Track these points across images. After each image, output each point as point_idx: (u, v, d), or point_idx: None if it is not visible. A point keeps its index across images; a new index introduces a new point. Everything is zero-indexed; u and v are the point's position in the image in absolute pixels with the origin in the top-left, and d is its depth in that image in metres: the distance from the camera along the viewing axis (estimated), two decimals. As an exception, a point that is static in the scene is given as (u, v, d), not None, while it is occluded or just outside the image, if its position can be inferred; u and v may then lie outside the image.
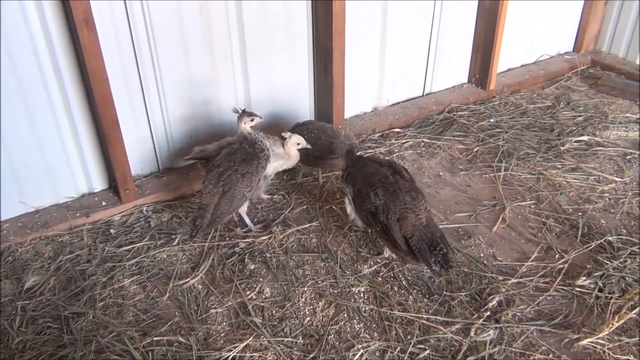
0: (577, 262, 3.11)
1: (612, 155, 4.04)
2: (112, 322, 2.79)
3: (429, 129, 4.42)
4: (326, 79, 3.99)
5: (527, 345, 2.65)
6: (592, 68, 5.32)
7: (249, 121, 3.28)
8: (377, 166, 3.10)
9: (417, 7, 4.34)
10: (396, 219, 2.86)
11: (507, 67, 5.20)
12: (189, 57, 3.56)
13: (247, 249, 3.22)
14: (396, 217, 2.86)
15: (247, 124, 3.28)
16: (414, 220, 2.86)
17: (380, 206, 2.90)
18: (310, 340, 2.70)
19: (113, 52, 3.26)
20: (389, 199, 2.91)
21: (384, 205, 2.90)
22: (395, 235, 2.84)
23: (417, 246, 2.80)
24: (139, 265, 3.12)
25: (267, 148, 3.28)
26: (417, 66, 4.65)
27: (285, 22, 3.81)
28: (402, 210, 2.87)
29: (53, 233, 3.32)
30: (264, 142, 3.27)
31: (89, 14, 2.90)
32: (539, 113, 4.62)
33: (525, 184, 3.76)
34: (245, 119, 3.27)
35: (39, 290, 2.97)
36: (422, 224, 2.86)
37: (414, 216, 2.86)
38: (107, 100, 3.16)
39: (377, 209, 2.91)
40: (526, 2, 4.88)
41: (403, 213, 2.86)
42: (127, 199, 3.50)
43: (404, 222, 2.85)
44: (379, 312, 2.83)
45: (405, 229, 2.84)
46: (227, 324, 2.79)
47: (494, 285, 2.96)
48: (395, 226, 2.85)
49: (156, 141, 3.71)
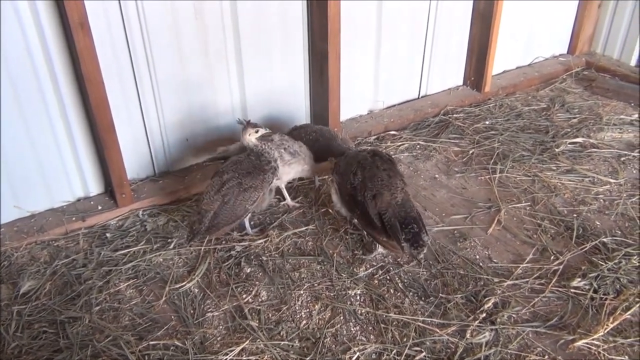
0: (572, 263, 3.13)
1: (606, 157, 4.05)
2: (108, 326, 2.78)
3: (425, 132, 4.44)
4: (322, 81, 4.00)
5: (523, 347, 2.66)
6: (586, 70, 5.34)
7: (253, 133, 3.20)
8: (358, 152, 3.21)
9: (412, 9, 4.35)
10: (372, 195, 2.94)
11: (502, 69, 5.22)
12: (184, 59, 3.56)
13: (243, 253, 3.22)
14: (372, 194, 2.94)
15: (252, 136, 3.20)
16: (389, 197, 2.93)
17: (358, 185, 2.99)
18: (307, 343, 2.70)
19: (108, 55, 3.26)
20: (367, 177, 3.00)
21: (361, 184, 2.98)
22: (371, 212, 2.90)
23: (389, 223, 2.86)
24: (135, 269, 3.12)
25: (274, 159, 3.23)
26: (412, 68, 4.67)
27: (280, 24, 3.81)
28: (378, 187, 2.95)
29: (49, 237, 3.32)
30: (271, 154, 3.22)
31: (84, 18, 2.90)
32: (534, 115, 4.64)
33: (521, 185, 3.78)
34: (250, 130, 3.19)
35: (34, 295, 2.96)
36: (397, 203, 2.94)
37: (389, 194, 2.94)
38: (103, 103, 3.16)
39: (355, 189, 2.98)
40: (520, 4, 4.90)
41: (379, 189, 2.95)
42: (123, 203, 3.50)
43: (379, 198, 2.93)
44: (375, 315, 2.84)
45: (380, 205, 2.91)
46: (223, 328, 2.79)
47: (489, 287, 2.97)
48: (371, 203, 2.92)
49: (152, 144, 3.71)
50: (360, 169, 3.05)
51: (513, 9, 4.81)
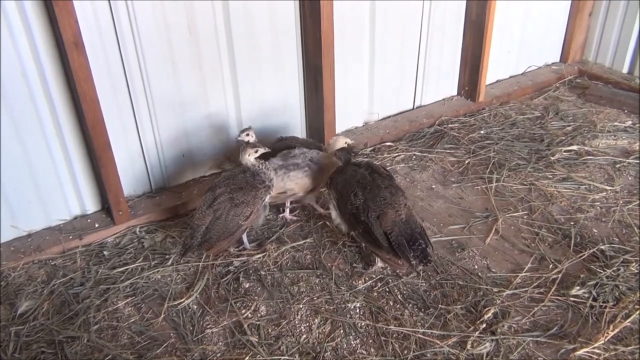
0: (570, 271, 3.13)
1: (602, 164, 4.07)
2: (107, 345, 2.77)
3: (420, 142, 4.45)
4: (317, 94, 4.02)
5: (524, 357, 2.65)
6: (579, 78, 5.37)
7: (252, 153, 3.17)
8: (355, 168, 3.17)
9: (404, 20, 4.38)
10: (376, 216, 2.92)
11: (495, 78, 5.25)
12: (179, 75, 3.57)
13: (241, 268, 3.21)
14: (376, 214, 2.92)
15: (252, 156, 3.17)
16: (393, 216, 2.92)
17: (360, 206, 2.96)
18: (307, 357, 2.69)
19: (103, 73, 3.27)
20: (368, 197, 2.96)
21: (363, 205, 2.95)
22: (375, 232, 2.88)
23: (396, 241, 2.85)
24: (133, 286, 3.10)
25: (269, 179, 3.20)
26: (406, 80, 4.69)
27: (274, 38, 3.83)
28: (381, 207, 2.93)
29: (46, 256, 3.30)
30: (267, 174, 3.19)
31: (78, 37, 2.91)
32: (529, 124, 4.66)
33: (517, 194, 3.78)
34: (249, 150, 3.16)
35: (32, 315, 2.94)
36: (401, 220, 2.93)
37: (394, 212, 2.93)
38: (98, 121, 3.16)
39: (357, 209, 2.96)
40: (512, 13, 4.94)
41: (382, 209, 2.93)
42: (120, 220, 3.49)
43: (383, 218, 2.91)
44: (375, 328, 2.83)
45: (385, 224, 2.89)
46: (223, 344, 2.78)
47: (489, 297, 2.97)
48: (376, 223, 2.90)
49: (148, 161, 3.71)
50: (360, 188, 3.00)
51: (505, 19, 4.85)
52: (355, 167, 3.20)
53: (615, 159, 4.12)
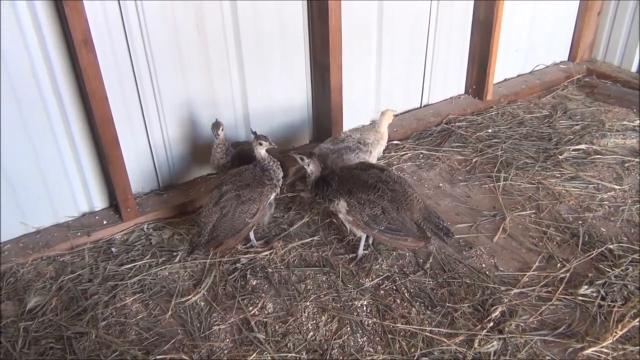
0: (578, 270, 3.12)
1: (610, 163, 4.05)
2: (114, 341, 2.78)
3: (428, 141, 4.44)
4: (324, 93, 4.02)
5: (532, 356, 2.64)
6: (587, 77, 5.36)
7: (258, 145, 3.14)
8: (358, 172, 3.16)
9: (412, 19, 4.38)
10: (405, 210, 3.03)
11: (503, 77, 5.23)
12: (187, 74, 3.58)
13: (248, 265, 3.22)
14: (405, 208, 3.03)
15: (259, 148, 3.15)
16: (417, 206, 3.07)
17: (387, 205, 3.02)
18: (314, 355, 2.69)
19: (112, 71, 3.28)
20: (389, 208, 3.02)
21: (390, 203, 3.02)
22: (407, 225, 3.02)
23: (428, 228, 3.06)
24: (141, 283, 3.12)
25: (277, 178, 3.20)
26: (414, 78, 4.68)
27: (282, 38, 3.84)
28: (404, 207, 3.04)
29: (54, 253, 3.32)
30: (276, 172, 3.19)
31: (87, 35, 2.93)
32: (537, 122, 4.65)
33: (525, 193, 3.77)
34: (255, 142, 3.14)
35: (41, 311, 2.96)
36: (424, 208, 3.11)
37: (417, 202, 3.08)
38: (107, 119, 3.18)
39: (383, 209, 3.01)
40: (520, 12, 4.92)
41: (406, 207, 3.04)
42: (128, 217, 3.51)
43: (411, 209, 3.05)
44: (382, 325, 2.83)
45: (412, 216, 3.05)
46: (230, 341, 2.79)
47: (496, 295, 2.96)
48: (407, 219, 3.03)
49: (156, 159, 3.73)
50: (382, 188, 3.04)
51: (513, 18, 4.83)
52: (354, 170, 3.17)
53: (623, 158, 4.10)
